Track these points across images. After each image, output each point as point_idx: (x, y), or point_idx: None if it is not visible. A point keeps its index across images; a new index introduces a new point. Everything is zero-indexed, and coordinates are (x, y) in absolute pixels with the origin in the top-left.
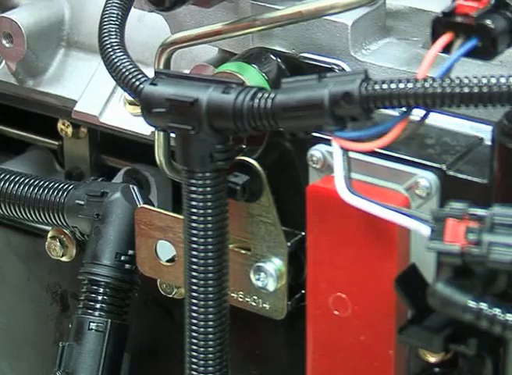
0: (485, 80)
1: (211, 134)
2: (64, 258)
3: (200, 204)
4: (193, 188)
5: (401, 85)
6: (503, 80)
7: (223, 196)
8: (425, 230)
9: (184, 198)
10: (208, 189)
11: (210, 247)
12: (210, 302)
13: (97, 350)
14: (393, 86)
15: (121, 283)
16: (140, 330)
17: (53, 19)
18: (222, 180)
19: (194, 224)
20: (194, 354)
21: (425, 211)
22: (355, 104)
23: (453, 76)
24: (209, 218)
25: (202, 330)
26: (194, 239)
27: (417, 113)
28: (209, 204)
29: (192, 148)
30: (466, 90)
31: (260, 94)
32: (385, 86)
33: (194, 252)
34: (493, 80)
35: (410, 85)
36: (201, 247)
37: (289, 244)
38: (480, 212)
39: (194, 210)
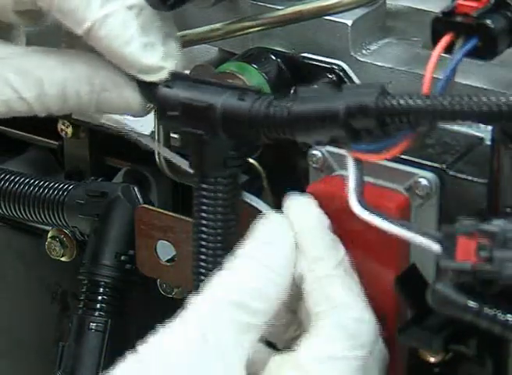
0: (503, 99)
1: (225, 140)
2: (64, 258)
3: (211, 209)
4: (205, 193)
5: (419, 101)
6: None
7: (236, 202)
8: (436, 248)
9: (195, 204)
10: (220, 195)
11: (219, 252)
12: None
13: (97, 350)
14: (411, 102)
15: (121, 283)
16: (140, 329)
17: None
18: (235, 187)
19: (204, 228)
20: None
21: (427, 211)
22: (371, 117)
23: (470, 95)
24: (219, 223)
25: None
26: (203, 243)
27: None
28: (220, 209)
29: (205, 154)
30: (485, 109)
31: (276, 103)
32: (402, 101)
33: (203, 256)
34: None
35: (428, 102)
36: (210, 251)
37: None
38: (490, 227)
39: (204, 214)
